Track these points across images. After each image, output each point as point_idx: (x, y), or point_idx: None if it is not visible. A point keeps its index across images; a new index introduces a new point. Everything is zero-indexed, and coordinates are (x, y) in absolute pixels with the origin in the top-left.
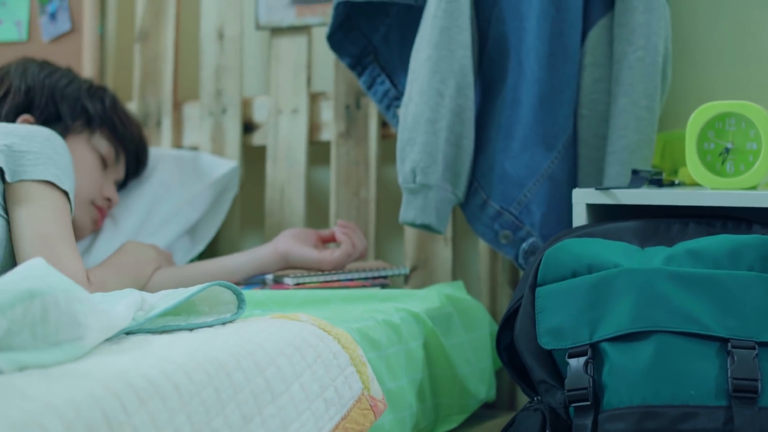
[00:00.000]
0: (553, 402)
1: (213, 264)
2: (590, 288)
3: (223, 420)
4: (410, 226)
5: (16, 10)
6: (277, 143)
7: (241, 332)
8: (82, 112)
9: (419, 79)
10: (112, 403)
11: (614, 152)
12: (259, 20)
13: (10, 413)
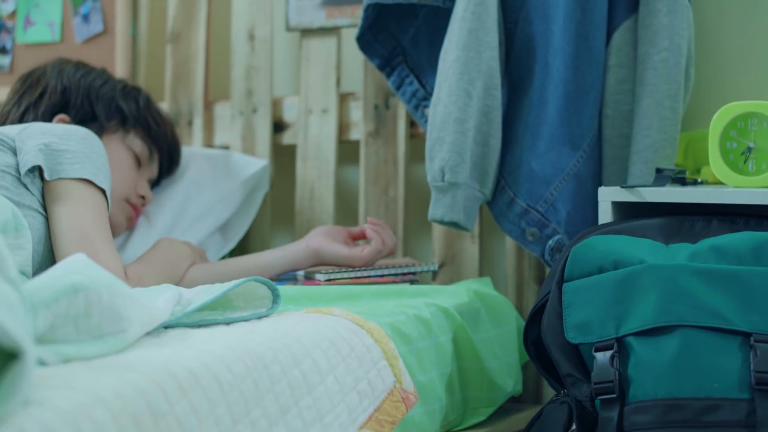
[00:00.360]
0: (580, 395)
1: (246, 260)
2: (616, 284)
3: (261, 411)
4: (439, 223)
5: (50, 12)
6: (307, 142)
7: (277, 326)
8: (117, 112)
9: (448, 80)
10: (156, 393)
11: (638, 151)
12: (290, 22)
13: (59, 403)
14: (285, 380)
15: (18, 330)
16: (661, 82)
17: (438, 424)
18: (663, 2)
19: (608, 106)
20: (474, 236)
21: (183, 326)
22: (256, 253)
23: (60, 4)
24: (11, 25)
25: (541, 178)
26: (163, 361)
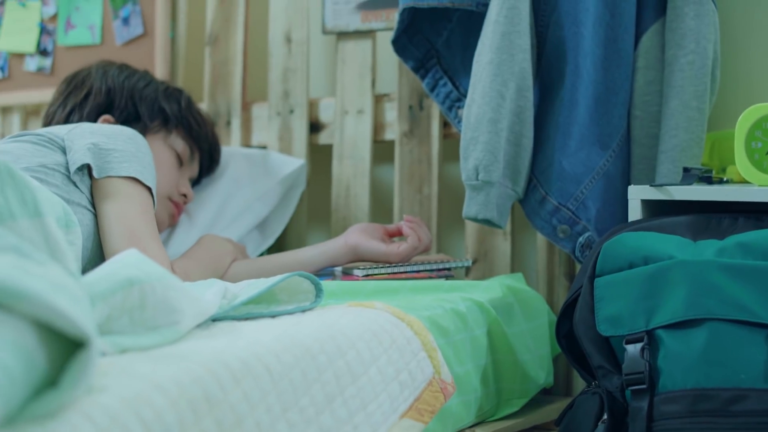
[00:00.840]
0: (610, 386)
1: (287, 256)
2: (646, 278)
3: (309, 399)
4: (472, 220)
5: (90, 15)
6: (342, 142)
7: (322, 319)
8: (160, 113)
9: (482, 82)
10: (211, 382)
11: (666, 151)
12: (326, 25)
13: (120, 391)
14: (331, 370)
15: (84, 320)
16: (687, 84)
17: (473, 414)
18: (690, 6)
19: (636, 107)
20: (506, 233)
21: (230, 319)
22: (296, 250)
23: (100, 8)
24: (52, 28)
25: (572, 176)
26: (217, 352)
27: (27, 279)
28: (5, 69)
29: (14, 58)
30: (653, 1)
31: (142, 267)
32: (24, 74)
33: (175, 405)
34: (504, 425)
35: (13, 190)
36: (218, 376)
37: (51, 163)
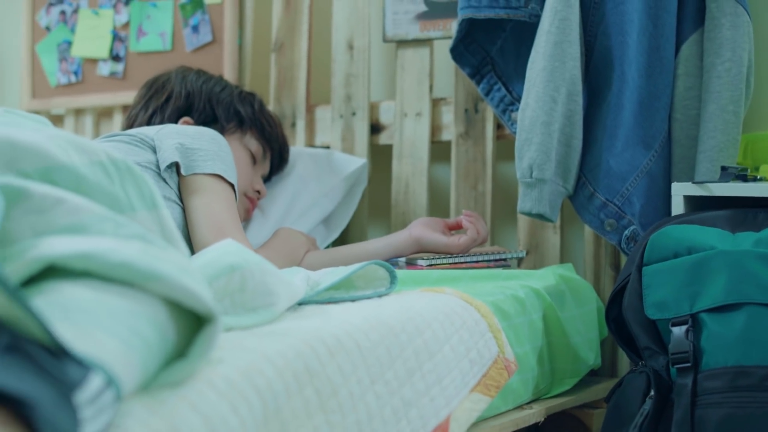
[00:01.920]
0: (656, 365)
1: (356, 247)
2: (690, 267)
3: (393, 373)
4: (527, 215)
5: (161, 23)
6: (402, 143)
7: (400, 302)
8: (235, 115)
9: (535, 87)
10: (310, 355)
11: (704, 151)
12: (386, 33)
13: (236, 362)
14: (411, 347)
15: (211, 299)
16: (724, 90)
17: (530, 391)
18: (726, 17)
19: (677, 111)
20: (556, 227)
21: (314, 303)
22: (365, 242)
23: (171, 16)
24: (125, 35)
25: (618, 174)
26: (314, 329)
27: (157, 263)
28: (79, 73)
29: (87, 63)
30: (692, 13)
31: (242, 254)
32: (97, 78)
33: (281, 375)
34: (557, 402)
35: (133, 184)
36: (316, 350)
37: (143, 161)
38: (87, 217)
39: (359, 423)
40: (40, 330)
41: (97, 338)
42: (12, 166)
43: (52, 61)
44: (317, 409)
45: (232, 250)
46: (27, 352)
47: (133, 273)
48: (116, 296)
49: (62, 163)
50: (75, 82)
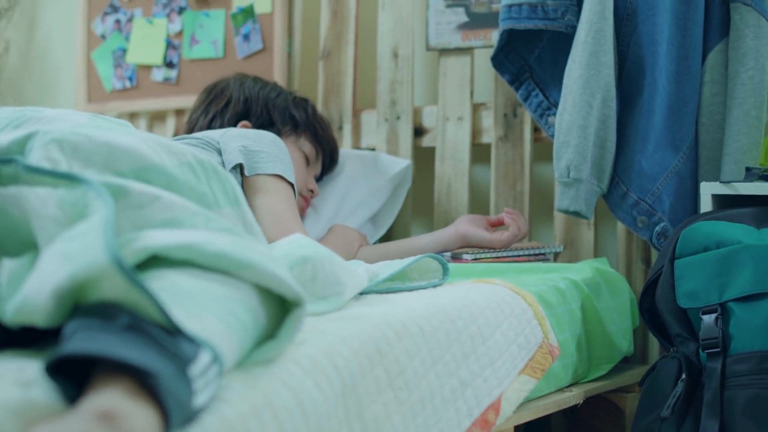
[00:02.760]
0: (687, 351)
1: (405, 242)
2: (719, 260)
3: (451, 355)
4: (564, 212)
5: (213, 31)
6: (444, 145)
7: (454, 292)
8: (290, 119)
9: (572, 94)
10: (380, 338)
11: (729, 153)
12: (429, 42)
13: (317, 343)
14: (466, 332)
15: (298, 285)
16: (748, 96)
17: (570, 375)
18: (750, 28)
19: (703, 115)
20: (590, 224)
21: (374, 292)
22: (413, 237)
23: (223, 25)
24: (178, 43)
25: (649, 175)
26: (382, 315)
27: (248, 253)
28: (133, 79)
29: (142, 70)
30: (718, 24)
31: (313, 247)
32: (151, 84)
33: (356, 355)
34: (594, 386)
35: (217, 183)
36: (386, 334)
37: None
38: (180, 213)
39: (422, 400)
40: (156, 311)
41: (204, 319)
42: (109, 166)
43: (107, 67)
44: (387, 387)
45: (304, 244)
46: (146, 331)
47: (228, 262)
48: (215, 283)
49: (154, 164)
50: (129, 87)
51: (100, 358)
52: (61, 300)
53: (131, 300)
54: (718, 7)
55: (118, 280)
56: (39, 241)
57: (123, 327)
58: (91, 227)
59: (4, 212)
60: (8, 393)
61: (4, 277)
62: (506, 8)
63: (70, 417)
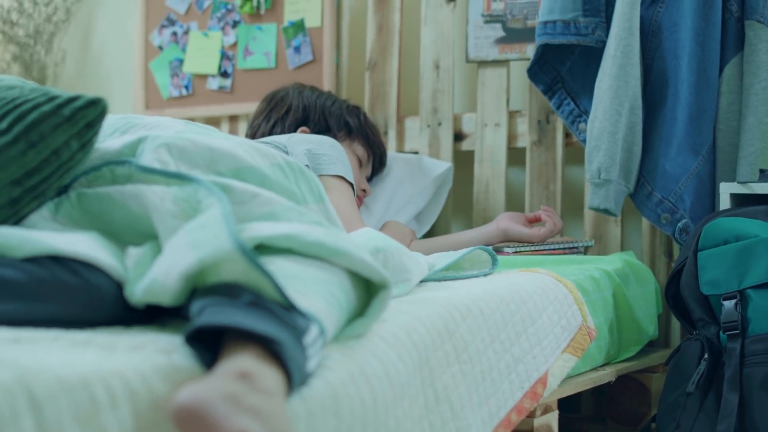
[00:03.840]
0: (708, 333)
1: (452, 237)
2: (738, 251)
3: (506, 334)
4: (595, 210)
5: (266, 44)
6: (482, 149)
7: (506, 279)
8: (345, 125)
9: (602, 103)
10: (448, 318)
11: (744, 156)
12: (469, 55)
13: (396, 321)
14: (518, 314)
15: (385, 271)
16: (761, 105)
17: (603, 356)
18: (762, 44)
19: (721, 122)
20: (617, 221)
21: (433, 281)
22: (458, 233)
23: (275, 38)
24: (232, 54)
25: (672, 176)
26: (448, 298)
27: (340, 242)
28: (189, 87)
29: (197, 79)
30: (733, 40)
31: (384, 240)
32: (206, 92)
33: (429, 332)
34: (624, 366)
35: (304, 182)
36: (452, 314)
37: None
38: (277, 208)
39: (483, 372)
40: (274, 291)
41: (310, 298)
42: (211, 167)
43: (164, 76)
44: (454, 360)
45: (375, 236)
46: (267, 307)
47: (324, 250)
48: (314, 268)
49: (250, 165)
50: (186, 95)
51: (234, 329)
52: (186, 282)
53: (252, 281)
54: (733, 24)
55: (241, 263)
56: (159, 232)
57: (247, 303)
58: (212, 219)
59: (125, 207)
60: (155, 359)
61: (131, 262)
62: (542, 25)
63: (214, 376)
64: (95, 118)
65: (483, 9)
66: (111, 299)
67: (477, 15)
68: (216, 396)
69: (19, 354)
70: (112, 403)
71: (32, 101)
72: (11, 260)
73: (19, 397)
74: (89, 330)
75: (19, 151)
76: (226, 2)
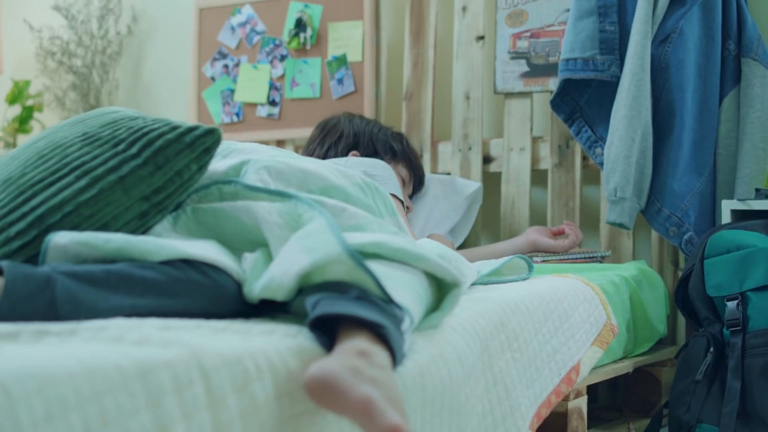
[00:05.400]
0: (713, 330)
1: (487, 248)
2: (739, 259)
3: (546, 328)
4: (611, 224)
5: (311, 76)
6: (509, 171)
7: (544, 282)
8: (390, 150)
9: (618, 130)
10: (501, 313)
11: (741, 177)
12: (496, 87)
13: (462, 314)
14: (556, 312)
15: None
16: (756, 132)
17: (622, 350)
18: (757, 79)
19: (720, 147)
20: (629, 234)
21: (480, 284)
22: (493, 244)
23: (319, 71)
24: (280, 85)
25: (679, 194)
26: (500, 297)
27: (419, 249)
28: (240, 114)
29: (247, 107)
30: (731, 75)
31: (443, 248)
32: (256, 119)
33: (488, 324)
34: (640, 359)
35: (380, 199)
36: (504, 310)
37: None
38: (362, 220)
39: (529, 360)
40: (375, 287)
41: (402, 294)
42: (303, 186)
43: (216, 104)
44: (507, 348)
45: (435, 245)
46: (371, 300)
47: (407, 255)
48: (399, 270)
49: (335, 184)
50: (237, 121)
51: (349, 317)
52: (299, 281)
53: (356, 279)
54: (731, 61)
55: (347, 265)
56: (269, 240)
57: (355, 297)
58: (319, 229)
59: (237, 219)
60: (285, 341)
61: (247, 265)
62: (564, 62)
63: (338, 354)
64: (211, 145)
65: (509, 47)
66: (232, 295)
67: (504, 52)
68: (342, 369)
69: (186, 336)
70: (258, 375)
71: (157, 130)
72: (150, 263)
73: (193, 369)
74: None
75: (148, 172)
76: (274, 38)
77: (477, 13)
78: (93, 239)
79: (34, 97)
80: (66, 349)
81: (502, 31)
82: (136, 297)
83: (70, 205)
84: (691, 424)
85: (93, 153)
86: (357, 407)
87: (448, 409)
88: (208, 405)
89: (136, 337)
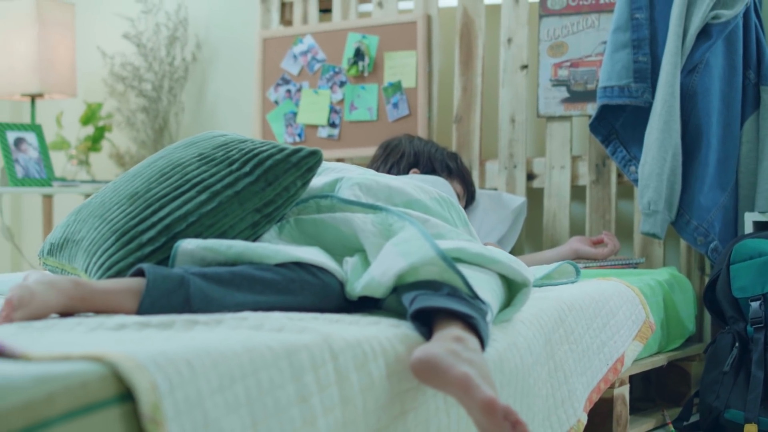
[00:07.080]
0: (738, 328)
1: (536, 255)
2: (761, 264)
3: (596, 324)
4: (645, 234)
5: (369, 100)
6: (550, 187)
7: (591, 285)
8: (446, 168)
9: (651, 151)
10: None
11: (761, 192)
12: (539, 111)
13: (528, 311)
14: (604, 310)
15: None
16: None
17: (657, 346)
18: None
19: (742, 165)
20: (660, 243)
21: (535, 286)
22: (539, 252)
23: (376, 96)
24: (339, 108)
25: (705, 207)
26: (557, 296)
27: (493, 253)
28: (302, 135)
29: (308, 128)
30: (751, 101)
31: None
32: (317, 139)
33: (550, 319)
34: (672, 354)
35: (454, 211)
36: (562, 307)
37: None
38: (442, 230)
39: (582, 351)
40: (464, 285)
41: (483, 291)
42: (389, 200)
43: (279, 126)
44: (565, 340)
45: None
46: (461, 296)
47: (484, 259)
48: (478, 271)
49: (416, 198)
50: (299, 141)
51: (445, 309)
52: (396, 280)
53: (447, 278)
54: (751, 88)
55: (440, 266)
56: (365, 246)
57: (447, 294)
58: (413, 236)
59: (336, 229)
60: (390, 330)
61: (348, 268)
62: (602, 89)
63: (438, 340)
64: (314, 164)
65: (551, 75)
66: (337, 293)
67: (546, 80)
68: (443, 351)
69: (314, 325)
70: (374, 356)
71: (266, 151)
72: (267, 266)
73: (325, 350)
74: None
75: (260, 188)
76: (333, 66)
77: (521, 44)
78: (217, 245)
79: (105, 118)
80: (221, 334)
81: (544, 60)
82: (258, 294)
83: (193, 215)
84: (720, 409)
85: (210, 171)
86: (457, 383)
87: (521, 391)
88: (336, 381)
89: (275, 326)
